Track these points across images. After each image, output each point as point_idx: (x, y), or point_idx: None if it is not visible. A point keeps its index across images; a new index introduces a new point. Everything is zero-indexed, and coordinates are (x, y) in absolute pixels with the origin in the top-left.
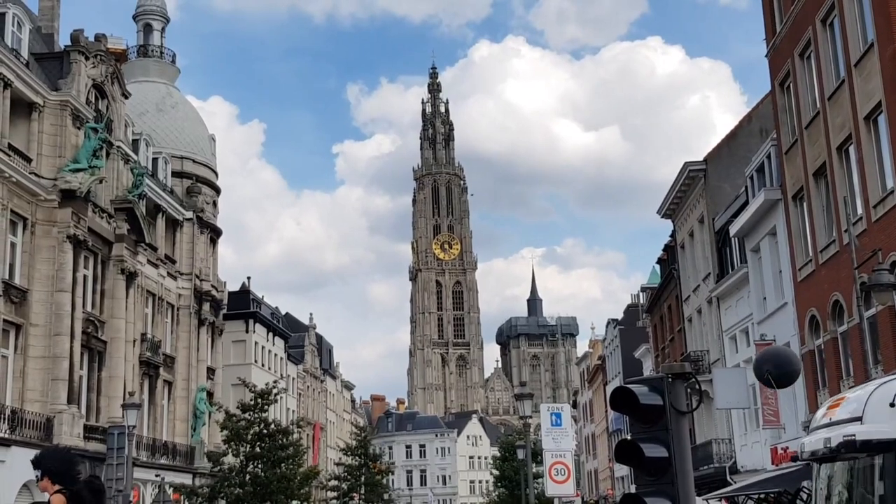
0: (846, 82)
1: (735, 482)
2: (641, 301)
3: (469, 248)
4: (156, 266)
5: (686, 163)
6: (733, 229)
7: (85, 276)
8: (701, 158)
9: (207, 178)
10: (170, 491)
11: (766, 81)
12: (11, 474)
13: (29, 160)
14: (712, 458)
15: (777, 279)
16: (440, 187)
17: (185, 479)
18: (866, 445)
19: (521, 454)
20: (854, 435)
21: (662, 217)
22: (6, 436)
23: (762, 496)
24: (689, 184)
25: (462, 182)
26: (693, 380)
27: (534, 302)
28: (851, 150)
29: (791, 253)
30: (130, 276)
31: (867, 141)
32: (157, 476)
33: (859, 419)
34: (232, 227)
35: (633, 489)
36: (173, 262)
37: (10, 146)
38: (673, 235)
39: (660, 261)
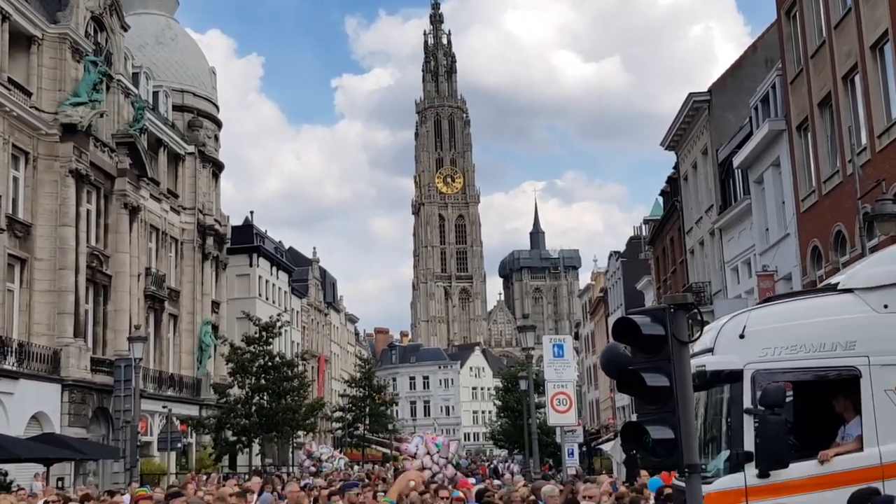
0: (853, 11)
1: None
2: (644, 233)
3: (472, 182)
4: (158, 200)
5: (690, 94)
6: (737, 161)
7: (88, 211)
8: (704, 89)
9: (208, 112)
10: (177, 422)
11: (769, 13)
12: (20, 406)
13: (29, 94)
14: None
15: (780, 210)
16: (442, 120)
17: (192, 411)
18: (716, 376)
19: (523, 385)
20: (704, 366)
21: (666, 149)
22: (14, 369)
23: None
24: (693, 115)
25: (464, 115)
26: (695, 310)
27: (536, 235)
28: (857, 79)
29: (794, 184)
30: (133, 211)
31: (873, 70)
32: (164, 407)
33: (711, 350)
34: (231, 161)
35: (634, 418)
36: (176, 196)
37: (9, 80)
38: (676, 167)
39: (662, 193)
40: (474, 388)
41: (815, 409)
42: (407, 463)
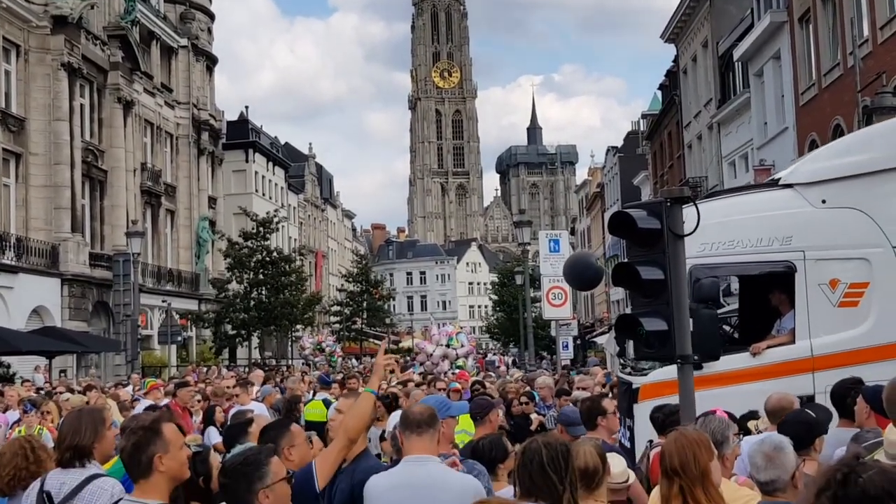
0: None
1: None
2: (642, 128)
3: (469, 76)
4: (152, 95)
5: None
6: (737, 53)
7: (82, 105)
8: None
9: (200, 4)
10: (176, 316)
11: None
12: (20, 300)
13: None
14: None
15: (779, 104)
16: (439, 13)
17: (191, 305)
18: None
19: (519, 280)
20: None
21: (665, 42)
22: (13, 263)
23: None
24: (694, 6)
25: (462, 7)
26: (692, 204)
27: (533, 130)
28: None
29: (794, 77)
30: (127, 105)
31: None
32: (163, 302)
33: None
34: (225, 56)
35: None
36: (170, 90)
37: None
38: (675, 60)
39: (661, 87)
40: (471, 284)
41: (754, 303)
42: (420, 343)
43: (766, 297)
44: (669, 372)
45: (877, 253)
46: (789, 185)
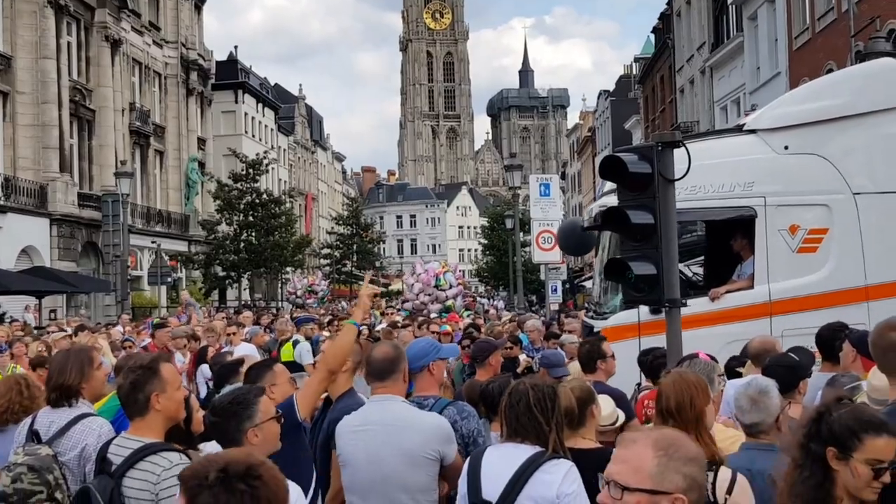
0: None
1: None
2: (634, 72)
3: (461, 18)
4: (140, 33)
5: None
6: None
7: (69, 43)
8: None
9: None
10: (166, 257)
11: None
12: (10, 239)
13: None
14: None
15: (772, 48)
16: None
17: (181, 247)
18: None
19: (509, 224)
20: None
21: None
22: (1, 203)
23: None
24: None
25: None
26: (683, 148)
27: (525, 73)
28: None
29: (788, 20)
30: (115, 44)
31: None
32: (152, 243)
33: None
34: None
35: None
36: (158, 29)
37: None
38: (669, 3)
39: (655, 30)
40: (461, 227)
41: (718, 249)
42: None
43: (727, 242)
44: (629, 316)
45: (837, 199)
46: (753, 131)
